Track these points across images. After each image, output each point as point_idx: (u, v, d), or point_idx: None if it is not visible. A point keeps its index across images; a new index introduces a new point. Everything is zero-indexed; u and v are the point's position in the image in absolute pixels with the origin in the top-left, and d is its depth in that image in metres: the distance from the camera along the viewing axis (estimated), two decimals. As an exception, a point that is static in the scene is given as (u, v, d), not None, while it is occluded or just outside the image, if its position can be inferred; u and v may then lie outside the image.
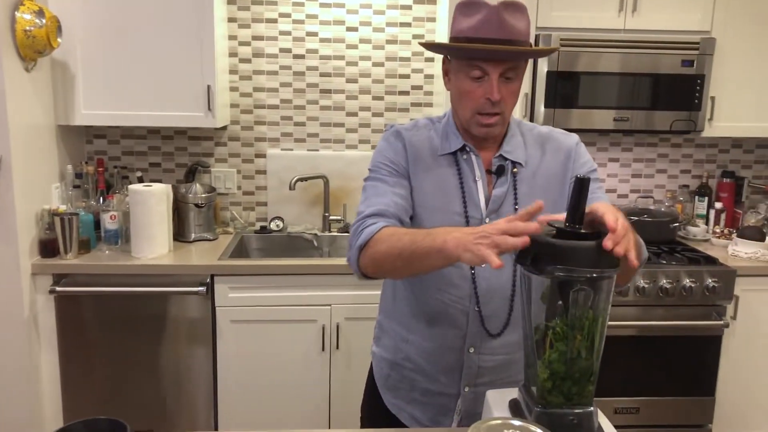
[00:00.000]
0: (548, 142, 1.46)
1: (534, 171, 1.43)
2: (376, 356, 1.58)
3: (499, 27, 1.28)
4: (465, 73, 1.33)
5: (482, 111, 1.34)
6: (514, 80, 1.35)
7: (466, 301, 1.39)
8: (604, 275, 0.99)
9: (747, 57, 2.91)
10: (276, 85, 3.11)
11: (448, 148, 1.42)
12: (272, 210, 3.19)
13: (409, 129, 1.47)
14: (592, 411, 1.04)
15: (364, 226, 1.31)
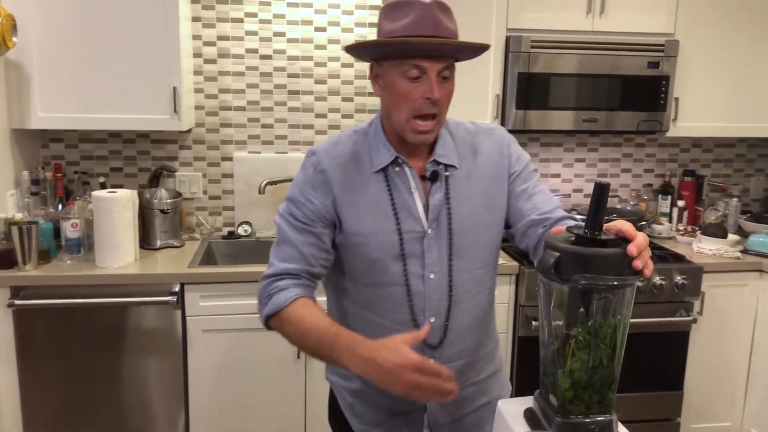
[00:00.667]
0: (477, 140, 1.42)
1: (469, 173, 1.39)
2: (336, 385, 1.52)
3: (434, 25, 1.23)
4: (401, 75, 1.26)
5: (420, 113, 1.28)
6: (449, 80, 1.30)
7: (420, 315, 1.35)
8: (628, 282, 0.98)
9: (708, 59, 2.99)
10: (242, 86, 3.03)
11: (380, 163, 1.35)
12: (239, 214, 3.11)
13: (331, 150, 1.38)
14: (613, 419, 1.03)
15: (272, 292, 1.33)
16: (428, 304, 1.35)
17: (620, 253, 0.97)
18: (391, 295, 1.35)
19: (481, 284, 1.40)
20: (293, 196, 1.39)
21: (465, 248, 1.36)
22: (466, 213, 1.37)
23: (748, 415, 3.01)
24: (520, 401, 1.16)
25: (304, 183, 1.38)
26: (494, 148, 1.43)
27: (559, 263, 0.97)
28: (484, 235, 1.39)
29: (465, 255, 1.36)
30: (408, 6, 1.26)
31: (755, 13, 2.98)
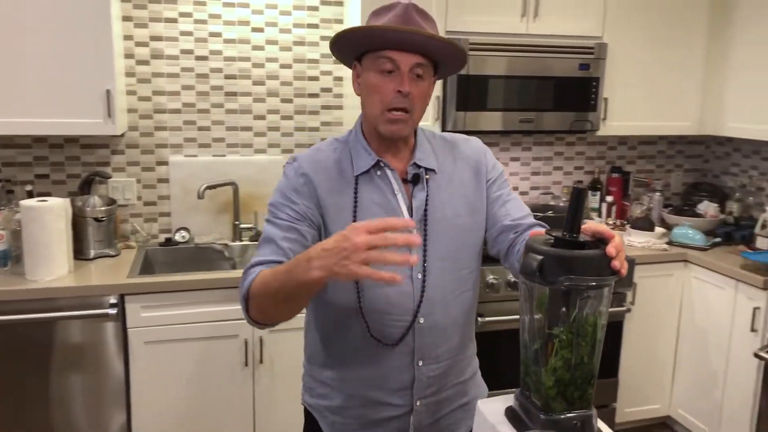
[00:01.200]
0: (455, 148, 1.47)
1: (449, 177, 1.43)
2: (315, 407, 1.49)
3: (408, 20, 1.29)
4: (375, 69, 1.31)
5: (391, 106, 1.31)
6: (423, 79, 1.33)
7: (409, 315, 1.36)
8: (607, 282, 1.02)
9: (633, 61, 3.14)
10: (177, 88, 2.93)
11: (362, 167, 1.37)
12: (177, 221, 3.01)
13: (312, 156, 1.40)
14: (592, 413, 1.07)
15: (245, 278, 1.28)
16: (416, 303, 1.36)
17: (600, 254, 1.01)
18: (376, 296, 1.35)
19: (465, 285, 1.43)
20: (275, 201, 1.37)
21: (449, 249, 1.39)
22: (449, 215, 1.40)
23: (675, 398, 3.19)
24: (499, 401, 1.18)
25: (287, 187, 1.37)
26: (472, 155, 1.47)
27: (543, 266, 0.99)
28: (467, 238, 1.42)
29: (449, 256, 1.39)
30: (387, 8, 1.32)
31: (676, 19, 3.16)
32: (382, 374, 1.39)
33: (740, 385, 2.78)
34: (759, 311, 2.65)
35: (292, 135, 3.11)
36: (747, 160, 3.52)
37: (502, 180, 1.49)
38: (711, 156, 3.77)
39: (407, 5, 1.31)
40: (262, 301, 1.23)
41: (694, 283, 3.03)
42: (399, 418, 1.41)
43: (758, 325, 2.66)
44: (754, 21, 3.02)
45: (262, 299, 1.22)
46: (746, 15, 3.07)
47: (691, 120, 3.31)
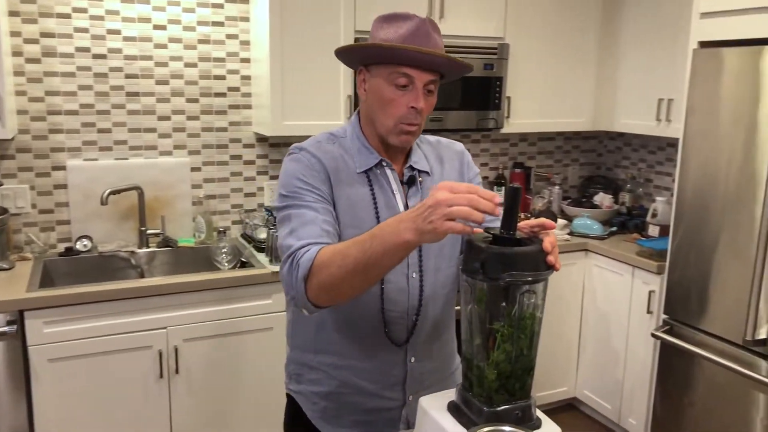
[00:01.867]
0: (442, 150, 1.52)
1: (440, 179, 1.47)
2: (303, 393, 1.48)
3: (428, 39, 1.29)
4: (389, 82, 1.31)
5: (406, 120, 1.34)
6: (433, 94, 1.36)
7: (406, 313, 1.39)
8: (544, 276, 1.06)
9: (533, 61, 3.29)
10: (74, 88, 2.76)
11: (365, 164, 1.39)
12: (77, 228, 2.83)
13: (316, 147, 1.40)
14: (531, 402, 1.11)
15: (298, 257, 1.22)
16: (411, 302, 1.39)
17: (538, 249, 1.05)
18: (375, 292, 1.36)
19: (453, 282, 1.47)
20: (294, 186, 1.33)
21: (435, 249, 1.42)
22: None
23: (580, 379, 3.38)
24: (439, 396, 1.21)
25: (304, 173, 1.34)
26: (455, 157, 1.52)
27: (485, 264, 1.02)
28: (454, 237, 1.44)
29: (438, 255, 1.42)
30: (403, 19, 1.31)
31: (572, 21, 3.34)
32: (377, 368, 1.41)
33: (639, 363, 2.99)
34: (654, 294, 2.86)
35: (199, 136, 3.01)
36: (636, 153, 3.78)
37: (478, 181, 1.54)
38: (604, 150, 4.02)
39: (424, 21, 1.30)
40: (334, 273, 1.16)
41: (594, 270, 3.22)
42: (391, 410, 1.44)
43: (653, 307, 2.87)
44: (640, 22, 3.25)
45: (334, 272, 1.16)
46: (632, 17, 3.29)
47: (585, 117, 3.51)
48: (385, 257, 1.10)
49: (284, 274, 1.25)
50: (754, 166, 2.29)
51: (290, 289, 1.23)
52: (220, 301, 2.54)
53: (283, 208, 1.34)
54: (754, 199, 2.28)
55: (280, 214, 1.34)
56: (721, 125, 2.40)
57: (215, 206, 3.09)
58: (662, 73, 3.12)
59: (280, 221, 1.34)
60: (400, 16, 1.32)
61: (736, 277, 2.36)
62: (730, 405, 2.41)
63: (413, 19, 1.31)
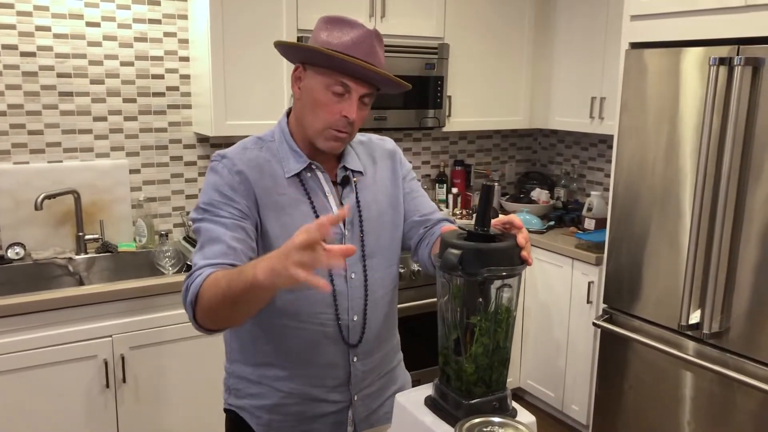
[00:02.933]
0: (373, 149, 1.52)
1: (373, 178, 1.47)
2: (245, 409, 1.45)
3: (370, 52, 1.28)
4: (325, 86, 1.29)
5: (335, 127, 1.32)
6: (367, 106, 1.36)
7: (345, 314, 1.39)
8: (518, 271, 1.10)
9: (473, 60, 3.36)
10: (1, 88, 2.62)
11: (293, 169, 1.36)
12: (8, 236, 2.69)
13: (241, 155, 1.35)
14: (507, 393, 1.15)
15: (192, 280, 1.20)
16: (351, 303, 1.38)
17: (512, 245, 1.09)
18: (313, 296, 1.34)
19: (392, 280, 1.47)
20: (211, 199, 1.29)
21: (377, 247, 1.42)
22: (375, 214, 1.43)
23: (524, 370, 3.48)
24: (415, 391, 1.23)
25: (222, 185, 1.30)
26: (387, 155, 1.52)
27: (463, 260, 1.05)
28: (392, 234, 1.46)
29: (377, 254, 1.42)
30: (349, 26, 1.28)
31: (508, 22, 3.43)
32: (319, 372, 1.39)
33: (580, 352, 3.11)
34: (593, 285, 2.98)
35: (138, 137, 2.92)
36: (569, 150, 3.92)
37: (412, 177, 1.54)
38: (538, 147, 4.15)
39: (371, 34, 1.28)
40: (212, 304, 1.14)
41: (535, 263, 3.32)
42: (337, 412, 1.43)
43: (593, 297, 2.99)
44: (572, 23, 3.37)
45: (212, 302, 1.14)
46: (564, 18, 3.42)
47: (522, 115, 3.62)
48: (247, 295, 1.07)
49: (182, 294, 1.24)
50: (680, 158, 2.42)
51: (186, 311, 1.22)
52: (167, 306, 2.47)
53: (198, 221, 1.31)
54: (683, 190, 2.42)
55: (195, 227, 1.32)
56: (650, 121, 2.53)
57: (156, 209, 3.00)
58: (594, 73, 3.26)
59: (195, 234, 1.31)
60: (347, 23, 1.30)
61: (670, 265, 2.49)
62: (668, 387, 2.55)
63: (359, 29, 1.29)
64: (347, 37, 1.27)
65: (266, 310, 1.34)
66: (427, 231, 1.45)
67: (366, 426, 1.46)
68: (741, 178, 2.24)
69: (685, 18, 2.45)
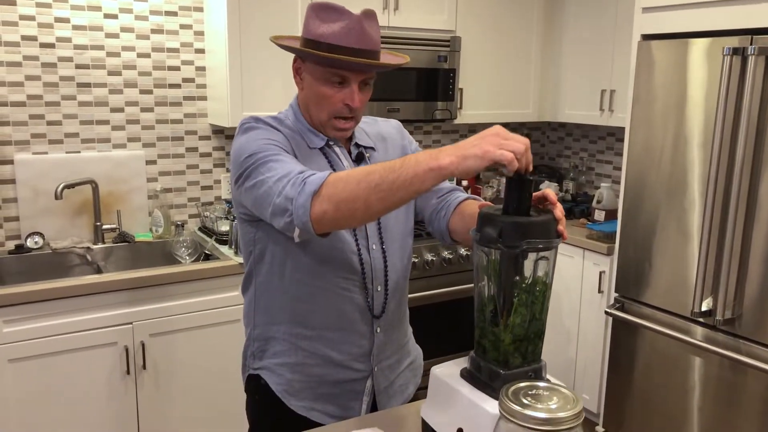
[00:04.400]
0: (380, 128, 1.56)
1: (385, 152, 1.51)
2: (267, 368, 1.48)
3: (361, 37, 1.29)
4: (324, 78, 1.33)
5: (339, 115, 1.36)
6: (369, 87, 1.39)
7: (370, 284, 1.42)
8: (555, 244, 1.13)
9: (483, 53, 3.39)
10: (20, 78, 2.64)
11: (315, 144, 1.41)
12: (27, 225, 2.72)
13: (273, 121, 1.39)
14: (542, 365, 1.18)
15: (304, 177, 1.16)
16: (374, 273, 1.42)
17: (550, 218, 1.12)
18: (345, 262, 1.38)
19: (407, 253, 1.52)
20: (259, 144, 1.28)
21: (393, 220, 1.46)
22: None
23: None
24: (450, 365, 1.26)
25: (266, 134, 1.32)
26: (395, 133, 1.57)
27: (502, 233, 1.08)
28: (406, 207, 1.49)
29: (393, 227, 1.46)
30: (338, 13, 1.30)
31: (518, 15, 3.46)
32: (347, 339, 1.43)
33: (591, 340, 3.14)
34: (604, 275, 3.02)
35: (154, 128, 2.95)
36: (577, 143, 3.96)
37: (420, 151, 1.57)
38: (547, 141, 4.18)
39: (359, 19, 1.29)
40: (352, 188, 1.11)
41: (545, 254, 3.35)
42: (357, 381, 1.47)
43: (604, 287, 3.03)
44: (581, 16, 3.41)
45: (353, 187, 1.11)
46: (574, 11, 3.45)
47: (531, 108, 3.65)
48: (415, 180, 1.05)
49: (285, 192, 1.17)
50: (692, 149, 2.46)
51: (290, 205, 1.16)
52: (186, 294, 2.50)
53: (259, 161, 1.25)
54: (694, 180, 2.45)
55: (255, 166, 1.25)
56: (662, 112, 2.56)
57: (172, 200, 3.03)
58: (604, 65, 3.29)
59: (255, 172, 1.25)
60: (335, 10, 1.30)
61: (681, 253, 2.53)
62: (679, 374, 2.59)
63: (347, 16, 1.29)
64: (335, 27, 1.29)
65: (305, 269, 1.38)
66: (440, 201, 1.48)
67: (384, 398, 1.50)
68: (754, 167, 2.27)
69: (697, 9, 2.49)
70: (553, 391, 0.96)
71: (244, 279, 1.52)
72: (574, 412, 0.91)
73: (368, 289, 1.42)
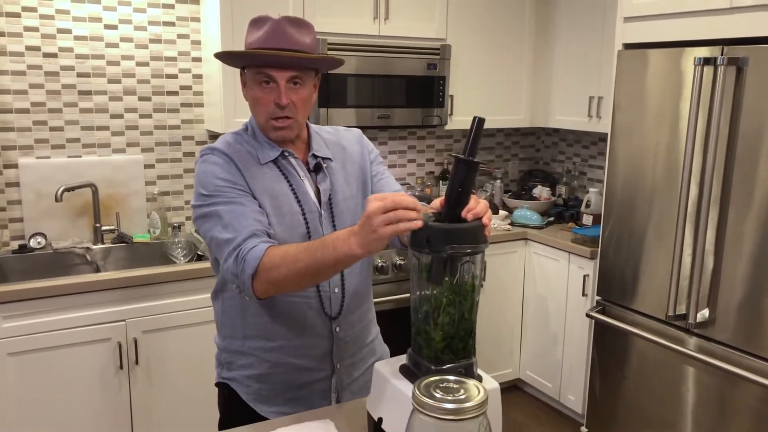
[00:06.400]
0: (341, 137, 1.64)
1: (342, 163, 1.59)
2: (236, 380, 1.57)
3: (282, 38, 1.40)
4: (256, 82, 1.43)
5: (274, 116, 1.44)
6: (302, 87, 1.44)
7: (326, 287, 1.51)
8: (481, 249, 1.21)
9: (474, 61, 3.47)
10: (24, 86, 2.78)
11: (269, 156, 1.48)
12: (30, 226, 2.86)
13: (227, 147, 1.49)
14: (473, 361, 1.26)
15: (244, 253, 1.32)
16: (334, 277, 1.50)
17: (477, 225, 1.20)
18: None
19: (367, 259, 1.60)
20: (215, 186, 1.41)
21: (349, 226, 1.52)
22: (348, 196, 1.56)
23: (523, 361, 3.58)
24: (392, 362, 1.35)
25: (220, 172, 1.43)
26: (355, 141, 1.65)
27: (430, 238, 1.17)
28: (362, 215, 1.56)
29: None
30: (263, 22, 1.43)
31: (508, 23, 3.53)
32: (306, 343, 1.52)
33: (576, 342, 3.20)
34: (588, 278, 3.08)
35: (152, 134, 3.07)
36: (570, 148, 4.01)
37: (379, 161, 1.67)
38: (541, 146, 4.24)
39: (279, 21, 1.41)
40: (284, 274, 1.28)
41: (533, 257, 3.42)
42: (322, 380, 1.55)
43: (588, 290, 3.09)
44: (570, 24, 3.47)
45: (285, 273, 1.28)
46: (563, 20, 3.51)
47: (523, 114, 3.72)
48: (338, 264, 1.25)
49: (229, 267, 1.34)
50: (670, 156, 2.51)
51: (236, 280, 1.34)
52: (177, 293, 2.62)
53: (208, 206, 1.40)
54: (672, 187, 2.51)
55: (205, 211, 1.41)
56: (645, 120, 2.62)
57: (169, 202, 3.15)
58: (592, 73, 3.35)
59: (205, 218, 1.41)
60: (261, 20, 1.43)
61: (660, 259, 2.58)
62: (659, 375, 2.64)
63: (269, 21, 1.41)
64: (260, 32, 1.42)
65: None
66: None
67: (348, 393, 1.59)
68: (726, 174, 2.32)
69: (675, 19, 2.54)
70: (461, 384, 1.05)
71: (215, 288, 1.60)
72: (477, 402, 0.99)
73: (324, 291, 1.51)
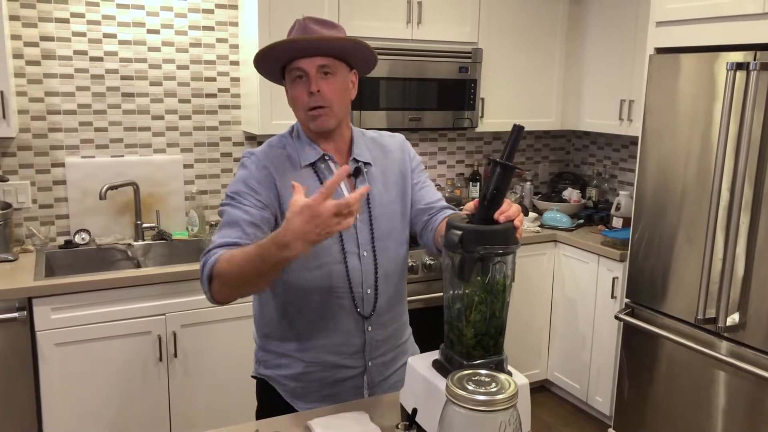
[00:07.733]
0: (384, 143, 1.68)
1: (383, 170, 1.63)
2: (273, 378, 1.64)
3: (302, 30, 1.47)
4: (291, 80, 1.50)
5: (308, 106, 1.48)
6: (333, 77, 1.48)
7: (358, 287, 1.57)
8: (512, 250, 1.27)
9: (506, 64, 3.51)
10: (72, 89, 2.90)
11: (308, 159, 1.54)
12: (75, 223, 2.98)
13: (267, 152, 1.55)
14: (504, 358, 1.31)
15: (206, 259, 1.38)
16: (364, 276, 1.56)
17: (508, 227, 1.25)
18: (330, 273, 1.53)
19: (401, 260, 1.65)
20: (238, 189, 1.48)
21: (386, 232, 1.60)
22: (386, 202, 1.61)
23: (551, 362, 3.61)
24: (426, 357, 1.41)
25: (249, 178, 1.50)
26: (398, 147, 1.69)
27: (463, 239, 1.22)
28: (401, 221, 1.64)
29: (386, 238, 1.60)
30: (292, 26, 1.51)
31: (540, 27, 3.56)
32: (339, 341, 1.58)
33: (604, 345, 3.22)
34: (617, 280, 3.10)
35: (191, 134, 3.17)
36: (601, 151, 4.02)
37: (420, 169, 1.71)
38: (572, 148, 4.26)
39: (303, 20, 1.49)
40: (232, 279, 1.33)
41: (563, 259, 3.45)
42: (354, 378, 1.61)
43: (617, 293, 3.10)
44: (602, 28, 3.49)
45: (232, 278, 1.33)
46: (595, 23, 3.53)
47: (554, 116, 3.75)
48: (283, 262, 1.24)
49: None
50: (701, 160, 2.53)
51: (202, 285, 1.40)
52: (214, 289, 2.70)
53: (224, 205, 1.49)
54: (704, 191, 2.52)
55: (220, 209, 1.50)
56: (676, 124, 2.64)
57: (207, 201, 3.25)
58: (623, 76, 3.37)
59: (220, 215, 1.50)
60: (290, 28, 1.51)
61: (690, 262, 2.60)
62: (687, 379, 2.65)
63: (295, 24, 1.49)
64: (289, 35, 1.50)
65: (291, 289, 1.54)
66: (431, 218, 1.62)
67: (379, 391, 1.65)
68: (758, 179, 2.33)
69: (707, 24, 2.55)
70: (493, 378, 1.10)
71: None
72: (508, 394, 1.04)
73: (357, 292, 1.56)
